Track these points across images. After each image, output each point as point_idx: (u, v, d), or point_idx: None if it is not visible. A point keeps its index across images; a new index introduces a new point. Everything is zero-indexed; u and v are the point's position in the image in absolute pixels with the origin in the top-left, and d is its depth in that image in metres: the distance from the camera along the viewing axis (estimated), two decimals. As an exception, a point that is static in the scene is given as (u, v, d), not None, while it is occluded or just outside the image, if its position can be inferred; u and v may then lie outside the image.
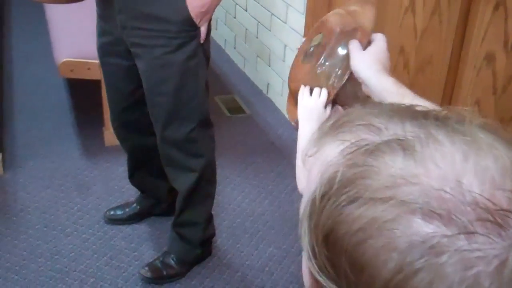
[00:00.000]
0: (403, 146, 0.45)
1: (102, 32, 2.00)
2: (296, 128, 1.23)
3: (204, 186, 2.10)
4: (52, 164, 2.78)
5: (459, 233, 0.41)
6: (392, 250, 0.42)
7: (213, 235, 2.27)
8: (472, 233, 0.41)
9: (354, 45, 1.09)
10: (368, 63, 1.05)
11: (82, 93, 3.37)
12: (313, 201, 0.48)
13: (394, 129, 0.47)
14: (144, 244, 2.32)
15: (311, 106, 1.16)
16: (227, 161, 2.77)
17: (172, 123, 1.95)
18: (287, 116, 1.24)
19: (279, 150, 2.96)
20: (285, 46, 3.25)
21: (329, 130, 0.52)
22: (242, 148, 2.99)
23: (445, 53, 2.18)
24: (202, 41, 1.87)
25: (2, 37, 4.16)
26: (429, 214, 0.42)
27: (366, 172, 0.45)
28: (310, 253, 0.48)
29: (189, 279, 2.17)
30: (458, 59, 2.17)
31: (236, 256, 2.30)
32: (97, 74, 2.78)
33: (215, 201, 2.21)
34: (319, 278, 0.47)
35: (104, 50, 2.03)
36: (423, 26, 2.29)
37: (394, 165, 0.45)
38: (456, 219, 0.42)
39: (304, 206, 0.50)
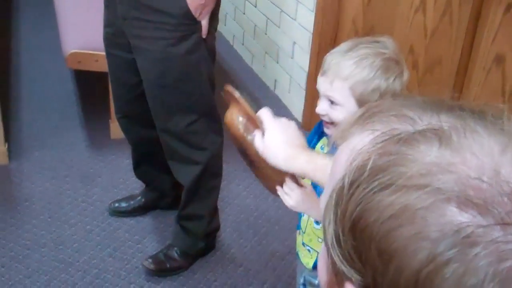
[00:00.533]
0: (439, 135, 0.44)
1: (107, 23, 2.00)
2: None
3: (209, 179, 2.10)
4: (57, 155, 2.79)
5: (495, 224, 0.40)
6: (423, 239, 0.41)
7: (217, 228, 2.27)
8: (509, 224, 0.40)
9: (257, 144, 1.09)
10: (274, 157, 1.05)
11: (89, 85, 3.37)
12: (340, 188, 0.47)
13: (429, 120, 0.46)
14: (148, 237, 2.33)
15: (297, 200, 1.17)
16: (233, 157, 2.74)
17: (173, 116, 1.95)
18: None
19: (284, 147, 2.96)
20: (294, 43, 3.25)
21: (357, 120, 0.51)
22: (247, 144, 2.98)
23: (454, 53, 2.18)
24: (204, 36, 1.86)
25: (10, 29, 4.16)
26: (465, 203, 0.41)
27: (400, 160, 0.44)
28: (335, 242, 0.46)
29: (192, 272, 2.17)
30: (468, 60, 2.17)
31: (239, 251, 2.30)
32: (104, 66, 2.75)
33: (220, 196, 2.21)
34: (342, 268, 0.46)
35: (108, 41, 2.03)
36: (433, 26, 2.28)
37: (429, 153, 0.43)
38: (492, 209, 0.41)
39: (327, 196, 0.49)
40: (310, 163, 1.00)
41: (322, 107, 1.30)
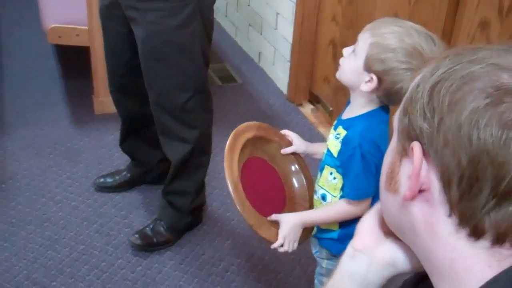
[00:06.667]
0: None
1: None
2: None
3: (198, 157, 2.08)
4: (41, 132, 2.75)
5: None
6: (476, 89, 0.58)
7: (203, 204, 2.26)
8: None
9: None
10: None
11: (71, 60, 3.33)
12: (424, 76, 0.61)
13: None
14: (134, 212, 2.31)
15: (290, 242, 1.44)
16: (218, 130, 2.73)
17: (167, 90, 1.93)
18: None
19: (270, 119, 2.94)
20: (277, 14, 3.21)
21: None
22: (233, 117, 2.96)
23: (439, 20, 2.16)
24: None
25: (-10, 4, 4.09)
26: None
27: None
28: (414, 104, 0.60)
29: (179, 246, 2.17)
30: (452, 26, 2.15)
31: (226, 224, 2.29)
32: (85, 40, 2.73)
33: (206, 169, 2.20)
34: (416, 123, 0.59)
35: (103, 14, 2.02)
36: (417, -7, 2.26)
37: None
38: None
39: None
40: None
41: (347, 48, 1.33)
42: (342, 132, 1.34)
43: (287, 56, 3.16)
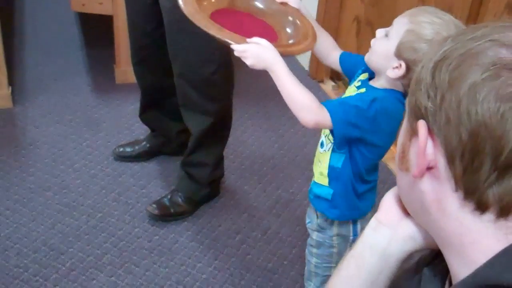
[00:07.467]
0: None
1: None
2: None
3: (219, 129, 2.08)
4: (62, 100, 2.77)
5: None
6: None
7: (221, 176, 2.26)
8: None
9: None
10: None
11: (93, 29, 3.33)
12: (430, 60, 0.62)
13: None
14: (153, 182, 2.32)
15: (254, 57, 1.30)
16: (239, 104, 2.73)
17: (193, 62, 1.92)
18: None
19: (290, 95, 2.93)
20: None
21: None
22: (254, 91, 2.96)
23: (465, 0, 2.12)
24: None
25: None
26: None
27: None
28: (421, 86, 0.61)
29: (196, 217, 2.18)
30: (479, 7, 2.11)
31: (243, 198, 2.30)
32: (109, 9, 2.73)
33: (224, 142, 2.20)
34: (421, 102, 0.60)
35: None
36: (446, -29, 2.21)
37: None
38: None
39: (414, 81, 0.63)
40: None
41: (381, 30, 1.29)
42: (363, 91, 1.33)
43: (310, 32, 3.13)
